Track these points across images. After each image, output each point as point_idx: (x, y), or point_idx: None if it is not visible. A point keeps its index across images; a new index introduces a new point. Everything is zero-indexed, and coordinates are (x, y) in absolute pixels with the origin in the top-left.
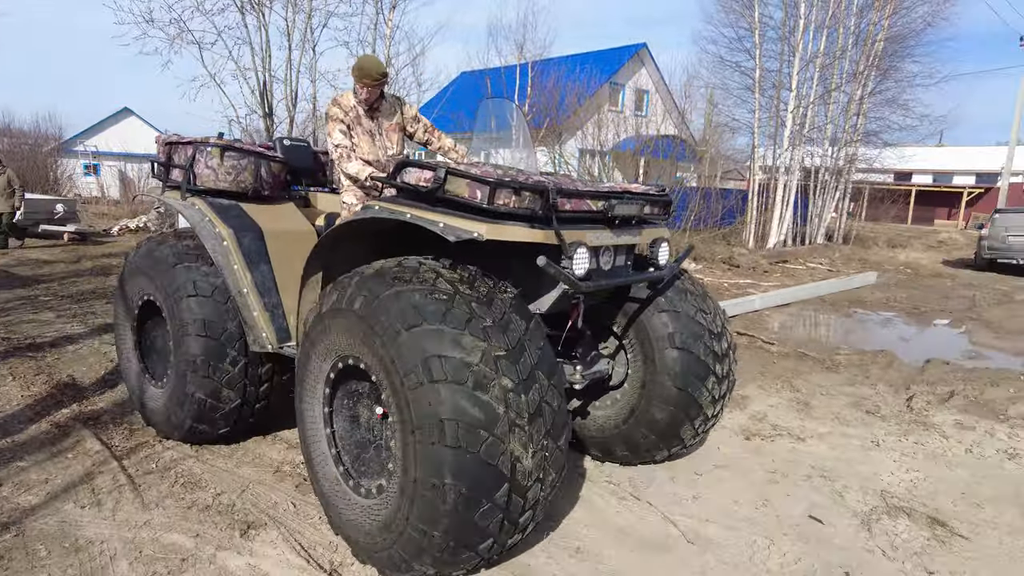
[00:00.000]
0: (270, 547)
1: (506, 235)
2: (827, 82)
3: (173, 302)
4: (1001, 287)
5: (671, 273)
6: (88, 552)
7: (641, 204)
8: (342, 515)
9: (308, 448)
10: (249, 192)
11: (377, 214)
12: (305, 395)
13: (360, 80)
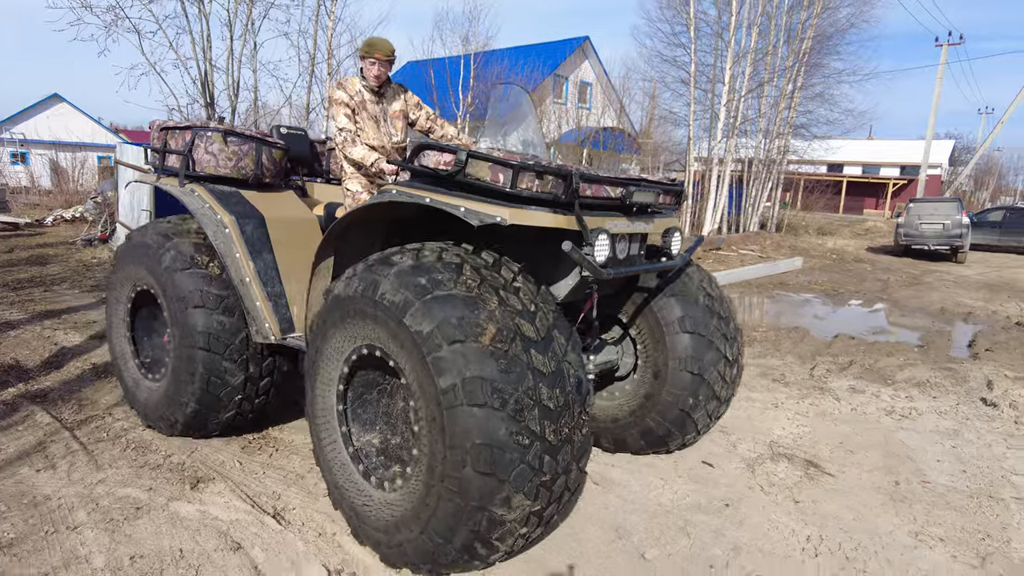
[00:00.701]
0: (218, 496)
1: (529, 220)
2: (758, 77)
3: (171, 292)
4: (912, 271)
5: (683, 263)
6: (47, 506)
7: (657, 192)
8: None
9: (320, 438)
10: (250, 179)
11: (395, 198)
12: (319, 384)
13: (371, 56)
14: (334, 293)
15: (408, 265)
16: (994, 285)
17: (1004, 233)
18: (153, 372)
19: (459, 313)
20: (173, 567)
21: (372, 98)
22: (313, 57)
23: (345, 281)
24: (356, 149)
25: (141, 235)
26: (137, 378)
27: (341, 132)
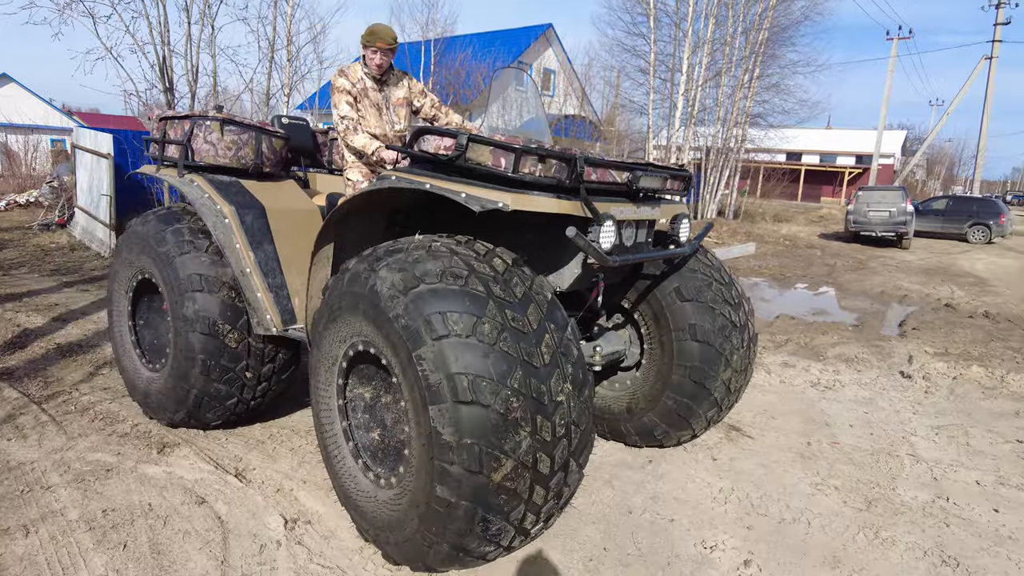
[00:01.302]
0: (184, 460)
1: (532, 205)
2: (716, 66)
3: (172, 283)
4: (859, 256)
5: (691, 251)
6: (21, 470)
7: (664, 177)
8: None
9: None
10: (250, 169)
11: (394, 184)
12: (320, 380)
13: (373, 44)
14: (329, 287)
15: (397, 259)
16: (932, 270)
17: (947, 221)
18: (154, 362)
19: (446, 307)
20: (143, 518)
21: (374, 86)
22: (272, 43)
23: (339, 275)
24: (358, 137)
25: (142, 223)
26: (138, 368)
27: (343, 120)
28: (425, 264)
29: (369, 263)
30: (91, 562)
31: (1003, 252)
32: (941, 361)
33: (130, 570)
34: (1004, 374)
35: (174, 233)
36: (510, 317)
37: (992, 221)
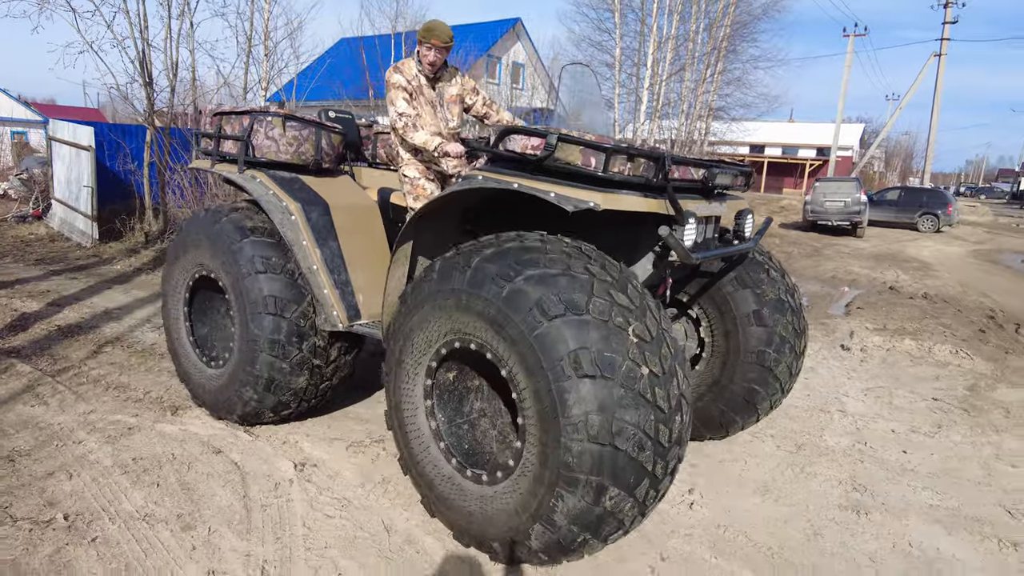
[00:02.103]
0: (196, 420)
1: (621, 204)
2: (680, 61)
3: (237, 278)
4: (815, 244)
5: (755, 245)
6: (50, 429)
7: (735, 174)
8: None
9: None
10: (310, 165)
11: (483, 184)
12: (403, 378)
13: (429, 41)
14: (421, 284)
15: (492, 252)
16: (882, 256)
17: (899, 211)
18: (216, 361)
19: (555, 289)
20: (169, 464)
21: (428, 83)
22: (250, 38)
23: (431, 272)
24: (418, 134)
25: (203, 221)
26: (200, 367)
27: (401, 117)
28: (524, 255)
29: (465, 258)
30: (131, 496)
31: (950, 240)
32: (878, 335)
33: (166, 503)
34: (931, 346)
35: (234, 223)
36: (615, 296)
37: (940, 211)
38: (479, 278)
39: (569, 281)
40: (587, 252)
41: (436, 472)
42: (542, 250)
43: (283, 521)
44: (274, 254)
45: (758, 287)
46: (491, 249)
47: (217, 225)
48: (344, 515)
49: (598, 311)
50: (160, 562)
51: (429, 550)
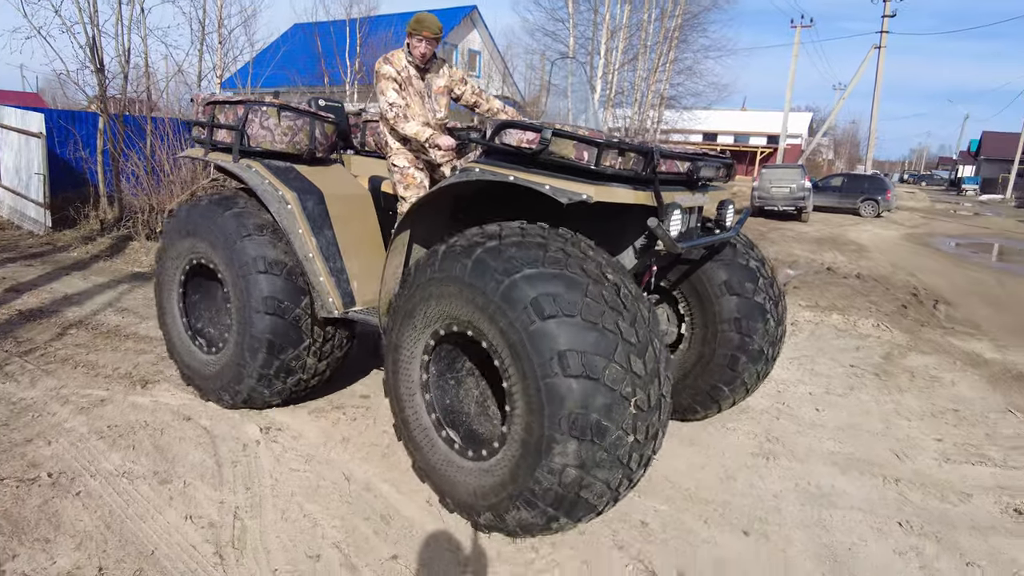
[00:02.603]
0: (165, 391)
1: (612, 197)
2: (632, 51)
3: (233, 261)
4: (762, 228)
5: (735, 233)
6: (24, 403)
7: (718, 166)
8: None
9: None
10: (304, 154)
11: (479, 176)
12: (401, 363)
13: (419, 33)
14: (419, 271)
15: (493, 245)
16: (824, 239)
17: (842, 196)
18: (211, 346)
19: (551, 289)
20: (143, 430)
21: (417, 74)
22: (203, 25)
23: (430, 260)
24: (409, 125)
25: (196, 209)
26: (194, 353)
27: (392, 107)
28: (525, 249)
29: (466, 247)
30: (109, 457)
31: (887, 224)
32: (810, 311)
33: (143, 462)
34: (856, 320)
35: (235, 217)
36: (606, 297)
37: (880, 197)
38: (480, 270)
39: (566, 282)
40: (584, 251)
41: (426, 440)
42: (543, 246)
43: (252, 475)
44: (274, 252)
45: (727, 260)
46: (494, 242)
47: (219, 218)
48: (308, 468)
49: (590, 313)
50: (141, 510)
51: (385, 494)
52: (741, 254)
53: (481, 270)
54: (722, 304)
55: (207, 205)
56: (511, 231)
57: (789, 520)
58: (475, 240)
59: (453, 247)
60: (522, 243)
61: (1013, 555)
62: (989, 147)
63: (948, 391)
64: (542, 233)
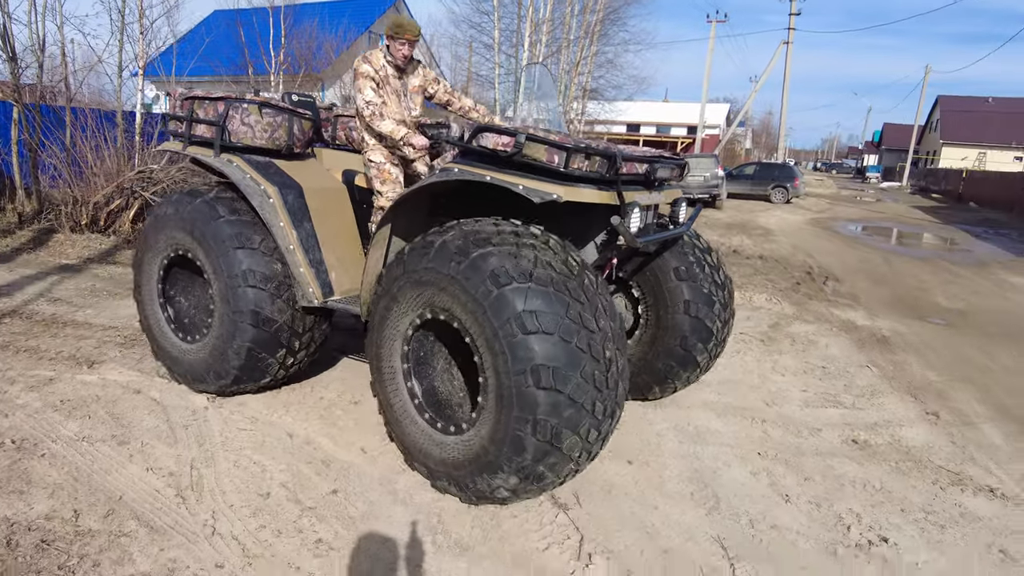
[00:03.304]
0: (112, 371)
1: (579, 196)
2: (556, 43)
3: (219, 254)
4: None
5: (688, 229)
6: None
7: (672, 167)
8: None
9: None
10: (283, 149)
11: (459, 176)
12: (385, 372)
13: (401, 37)
14: (398, 262)
15: (453, 235)
16: (734, 224)
17: (754, 184)
18: (191, 335)
19: (504, 262)
20: (95, 403)
21: (395, 73)
22: (123, 15)
23: (407, 252)
24: (385, 123)
25: (169, 203)
26: (175, 342)
27: (368, 105)
28: (519, 254)
29: (437, 240)
30: (67, 426)
31: (795, 210)
32: None
33: (100, 428)
34: (752, 295)
35: (216, 209)
36: (553, 265)
37: (789, 184)
38: (442, 255)
39: (516, 255)
40: (534, 232)
41: (412, 424)
42: (496, 231)
43: (203, 434)
44: (250, 230)
45: (692, 280)
46: (453, 231)
47: (192, 206)
48: (254, 428)
49: (543, 278)
50: (105, 465)
51: (324, 446)
52: (688, 243)
53: (474, 272)
54: (673, 290)
55: (183, 198)
56: (504, 239)
57: (667, 452)
58: (472, 241)
59: (447, 244)
60: (516, 254)
61: (843, 471)
62: (889, 138)
63: (821, 352)
64: (533, 243)
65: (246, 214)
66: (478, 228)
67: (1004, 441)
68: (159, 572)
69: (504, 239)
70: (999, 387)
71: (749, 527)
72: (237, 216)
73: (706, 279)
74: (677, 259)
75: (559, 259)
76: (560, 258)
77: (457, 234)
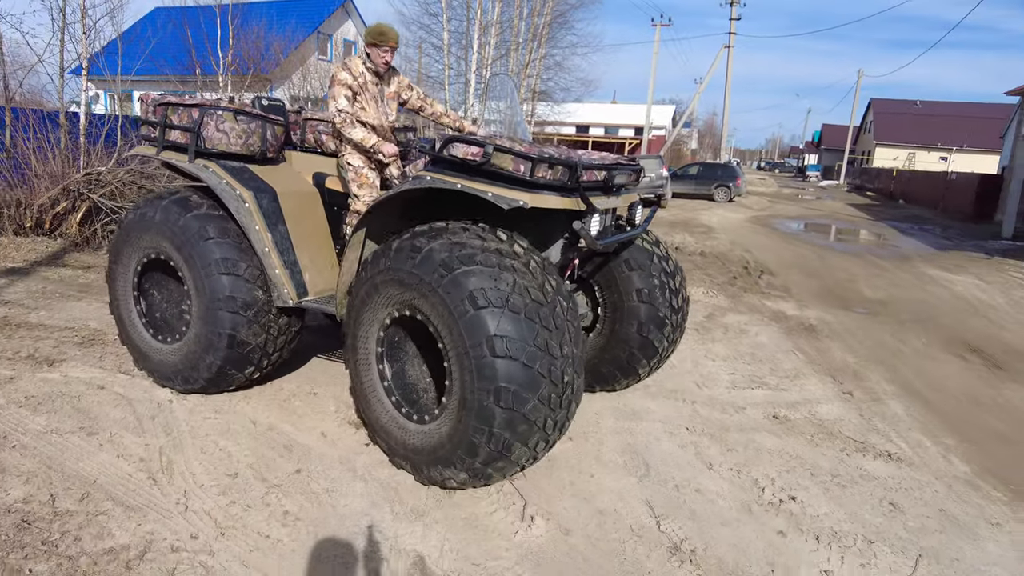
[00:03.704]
0: (73, 368)
1: (544, 203)
2: (505, 46)
3: (192, 250)
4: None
5: (643, 229)
6: None
7: (629, 173)
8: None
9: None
10: (257, 155)
11: (431, 184)
12: (360, 355)
13: (384, 44)
14: (373, 264)
15: (407, 236)
16: (677, 223)
17: (698, 184)
18: (167, 336)
19: (484, 284)
20: (61, 398)
21: (374, 79)
22: (64, 13)
23: (382, 255)
24: (356, 131)
25: (145, 207)
26: (149, 342)
27: (340, 113)
28: (465, 248)
29: (413, 244)
30: (35, 420)
31: (737, 208)
32: None
33: (68, 421)
34: (690, 289)
35: (195, 216)
36: (530, 290)
37: (732, 183)
38: (428, 264)
39: (462, 244)
40: (516, 251)
41: (379, 403)
42: (481, 246)
43: (170, 424)
44: (221, 224)
45: (643, 268)
46: (441, 239)
47: (163, 209)
48: (218, 417)
49: (518, 305)
50: (77, 454)
51: (286, 432)
52: (640, 238)
53: (455, 288)
54: (627, 282)
55: (157, 203)
56: (487, 258)
57: (605, 430)
58: (416, 238)
59: (400, 243)
60: (496, 277)
61: (762, 443)
62: (828, 138)
63: (751, 340)
64: (515, 264)
65: (222, 218)
66: (465, 241)
67: (905, 413)
68: (138, 544)
69: (488, 259)
70: (907, 368)
71: (675, 491)
72: (202, 211)
73: (655, 267)
74: (628, 251)
75: (536, 284)
76: (537, 283)
77: (444, 245)
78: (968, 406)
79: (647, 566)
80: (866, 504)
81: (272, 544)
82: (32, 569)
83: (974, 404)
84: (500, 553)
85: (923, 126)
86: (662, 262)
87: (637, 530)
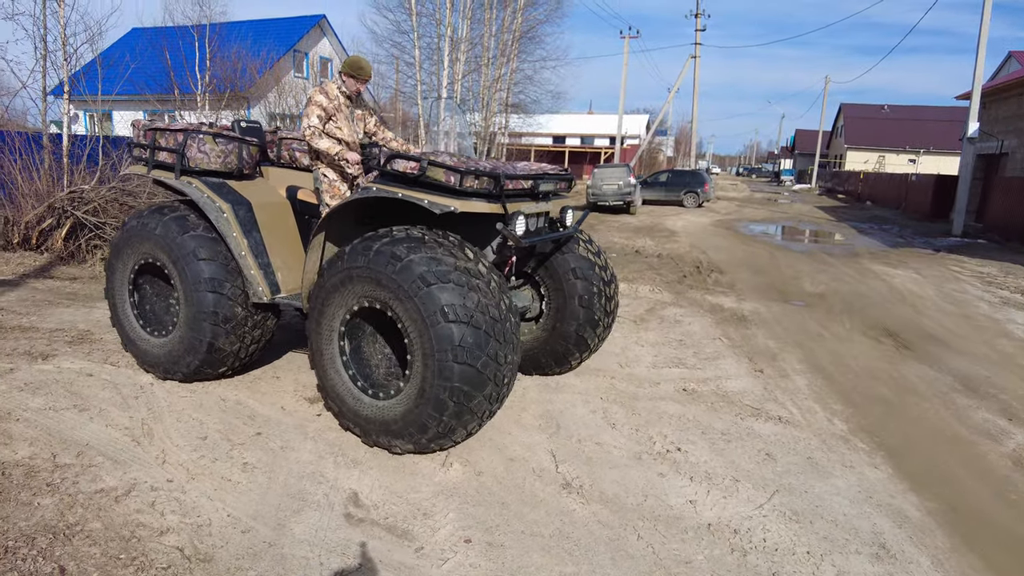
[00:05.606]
0: (65, 361)
1: (471, 208)
2: (476, 61)
3: (186, 265)
4: (593, 221)
5: (575, 231)
6: None
7: (555, 182)
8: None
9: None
10: (234, 172)
11: (376, 194)
12: (323, 332)
13: (360, 78)
14: (338, 263)
15: (388, 242)
16: (643, 228)
17: (668, 190)
18: (159, 332)
19: (455, 300)
20: (55, 384)
21: (347, 103)
22: (45, 41)
23: (346, 254)
24: (322, 141)
25: (148, 218)
26: (146, 339)
27: (309, 127)
28: (410, 243)
29: (370, 244)
30: (33, 401)
31: (704, 213)
32: None
33: (62, 401)
34: (639, 287)
35: (192, 237)
36: (469, 268)
37: (699, 189)
38: (407, 274)
39: (439, 261)
40: (481, 270)
41: (336, 374)
42: (422, 240)
43: (151, 402)
44: (210, 243)
45: (576, 253)
46: (420, 253)
47: (164, 224)
48: (193, 395)
49: (479, 321)
50: (72, 424)
51: (251, 406)
52: (583, 246)
53: (407, 273)
54: (570, 285)
55: (160, 218)
56: (430, 247)
57: (528, 400)
58: (373, 239)
59: (360, 244)
60: (439, 259)
61: (666, 409)
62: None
63: (683, 328)
64: (452, 251)
65: (205, 227)
66: (441, 257)
67: (806, 387)
68: (124, 486)
69: (459, 278)
70: (822, 350)
71: (577, 443)
72: (213, 258)
73: (596, 277)
74: (574, 260)
75: (494, 302)
76: (495, 301)
77: (423, 259)
78: (865, 379)
79: (541, 496)
80: (744, 455)
81: (233, 485)
82: (40, 502)
83: (871, 378)
84: (421, 488)
85: (891, 130)
86: (602, 272)
87: (538, 471)
